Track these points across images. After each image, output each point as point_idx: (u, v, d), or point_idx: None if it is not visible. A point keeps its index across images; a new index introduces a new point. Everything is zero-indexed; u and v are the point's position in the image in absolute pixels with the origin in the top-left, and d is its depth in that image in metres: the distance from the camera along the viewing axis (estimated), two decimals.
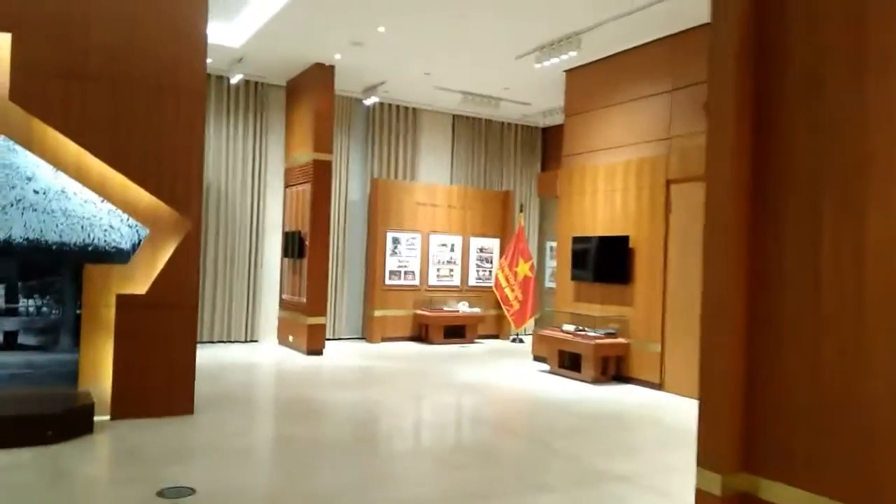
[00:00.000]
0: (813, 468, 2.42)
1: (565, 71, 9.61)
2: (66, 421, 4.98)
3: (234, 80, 10.12)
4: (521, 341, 12.13)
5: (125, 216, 5.73)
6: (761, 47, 2.62)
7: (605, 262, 8.75)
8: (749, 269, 2.66)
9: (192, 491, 4.01)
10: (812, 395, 2.45)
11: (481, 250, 12.38)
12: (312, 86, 9.93)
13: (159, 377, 5.72)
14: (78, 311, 5.61)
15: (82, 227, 5.53)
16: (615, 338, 8.51)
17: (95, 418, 5.33)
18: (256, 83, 10.73)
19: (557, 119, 12.36)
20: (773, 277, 2.59)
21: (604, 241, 8.79)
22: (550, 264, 12.61)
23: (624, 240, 8.55)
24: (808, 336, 2.48)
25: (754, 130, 2.64)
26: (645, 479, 4.69)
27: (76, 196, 5.59)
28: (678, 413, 6.97)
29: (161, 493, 3.96)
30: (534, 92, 10.74)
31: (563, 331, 8.99)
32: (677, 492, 4.44)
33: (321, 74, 9.83)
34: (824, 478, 2.38)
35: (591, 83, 9.26)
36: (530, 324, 12.13)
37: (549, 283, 12.30)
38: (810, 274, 2.46)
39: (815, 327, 2.46)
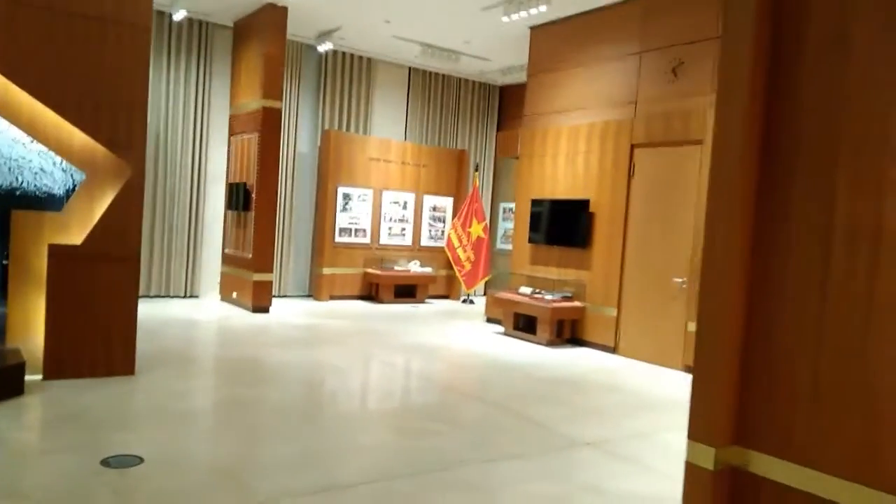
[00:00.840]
0: (812, 443, 2.38)
1: (531, 27, 9.48)
2: None
3: (177, 16, 9.66)
4: (472, 303, 12.31)
5: (58, 159, 5.39)
6: (780, 2, 2.49)
7: (564, 225, 8.86)
8: (753, 239, 2.57)
9: (139, 460, 3.82)
10: (814, 370, 2.40)
11: (434, 209, 12.45)
12: (262, 28, 9.55)
13: (97, 334, 5.46)
14: (5, 262, 5.24)
15: (10, 170, 5.15)
16: (571, 301, 8.65)
17: (26, 378, 5.05)
18: (201, 22, 10.28)
19: (517, 77, 12.27)
20: (778, 249, 2.50)
21: (564, 204, 8.88)
22: (504, 226, 12.75)
23: (584, 203, 8.62)
24: (812, 310, 2.42)
25: (767, 95, 2.52)
26: (612, 445, 4.72)
27: (2, 135, 5.17)
28: (635, 377, 7.09)
29: (106, 463, 3.75)
30: (495, 48, 10.62)
31: (519, 293, 9.08)
32: (647, 458, 4.47)
33: (272, 16, 9.46)
34: (825, 453, 2.35)
35: (558, 41, 9.15)
36: (481, 285, 12.30)
37: (501, 245, 12.42)
38: (817, 248, 2.40)
39: (819, 300, 2.40)
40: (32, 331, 5.37)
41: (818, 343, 2.39)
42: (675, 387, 6.74)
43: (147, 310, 8.79)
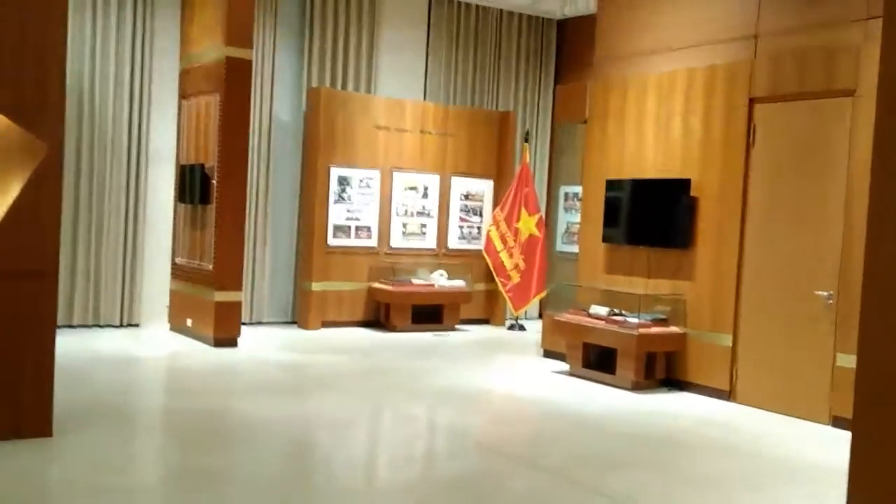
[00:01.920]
0: None
1: None
2: None
3: None
4: (522, 329, 12.30)
5: None
6: None
7: (654, 217, 8.84)
8: None
9: None
10: None
11: (467, 197, 12.43)
12: None
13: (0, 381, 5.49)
14: None
15: None
16: (666, 326, 8.61)
17: None
18: None
19: (583, 7, 12.23)
20: None
21: (653, 186, 8.84)
22: (566, 219, 12.58)
23: (683, 185, 8.53)
24: None
25: None
26: None
27: None
28: (760, 434, 7.03)
29: None
30: None
31: (590, 315, 9.05)
32: None
33: None
34: None
35: None
36: (535, 304, 12.26)
37: (562, 247, 12.31)
38: None
39: None
40: None
41: None
42: (820, 447, 6.67)
43: (69, 345, 8.79)
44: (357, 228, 11.59)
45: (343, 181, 11.46)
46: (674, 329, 8.58)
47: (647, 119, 9.00)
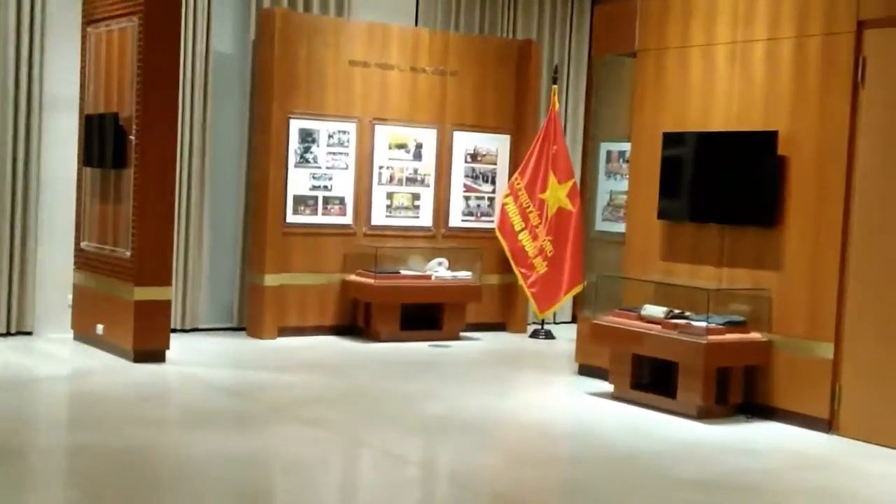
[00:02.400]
0: None
1: None
2: None
3: None
4: (550, 336, 12.32)
5: None
6: None
7: (728, 184, 8.82)
8: None
9: None
10: None
11: (475, 157, 12.42)
12: None
13: None
14: None
15: None
16: (745, 332, 8.61)
17: None
18: None
19: None
20: None
21: (727, 143, 8.83)
22: (607, 188, 12.17)
23: (767, 141, 8.51)
24: None
25: None
26: None
27: None
28: (874, 479, 6.97)
29: None
30: None
31: (641, 317, 9.04)
32: None
33: None
34: None
35: None
36: (568, 302, 12.33)
37: (602, 225, 11.99)
38: None
39: None
40: None
41: None
42: None
43: None
44: (326, 201, 11.56)
45: (307, 136, 11.42)
46: (755, 336, 8.55)
47: (719, 51, 8.97)
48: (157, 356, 9.67)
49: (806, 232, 8.37)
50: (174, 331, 10.50)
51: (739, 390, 8.61)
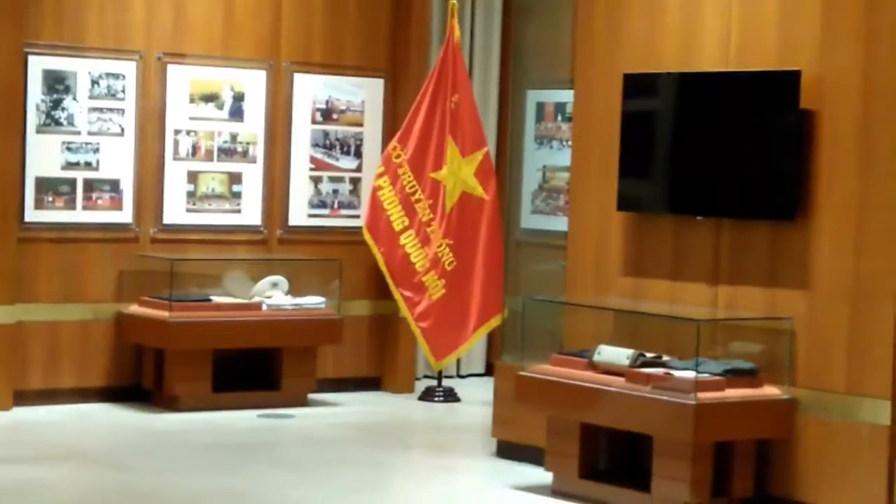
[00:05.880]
0: None
1: None
2: None
3: None
4: (452, 397, 10.92)
5: None
6: None
7: (725, 155, 7.97)
8: None
9: None
10: None
11: (329, 116, 10.79)
12: None
13: None
14: None
15: None
16: (754, 384, 7.52)
17: None
18: None
19: None
20: None
21: (724, 89, 7.95)
22: (538, 161, 11.88)
23: (784, 87, 7.45)
24: None
25: None
26: None
27: None
28: None
29: None
30: None
31: (594, 364, 7.81)
32: None
33: None
34: None
35: None
36: (479, 343, 11.34)
37: (531, 221, 11.87)
38: None
39: None
40: None
41: None
42: None
43: None
44: (89, 186, 9.80)
45: (56, 82, 9.76)
46: (770, 392, 7.37)
47: None
48: None
49: (845, 228, 7.23)
50: None
51: (748, 478, 7.43)
